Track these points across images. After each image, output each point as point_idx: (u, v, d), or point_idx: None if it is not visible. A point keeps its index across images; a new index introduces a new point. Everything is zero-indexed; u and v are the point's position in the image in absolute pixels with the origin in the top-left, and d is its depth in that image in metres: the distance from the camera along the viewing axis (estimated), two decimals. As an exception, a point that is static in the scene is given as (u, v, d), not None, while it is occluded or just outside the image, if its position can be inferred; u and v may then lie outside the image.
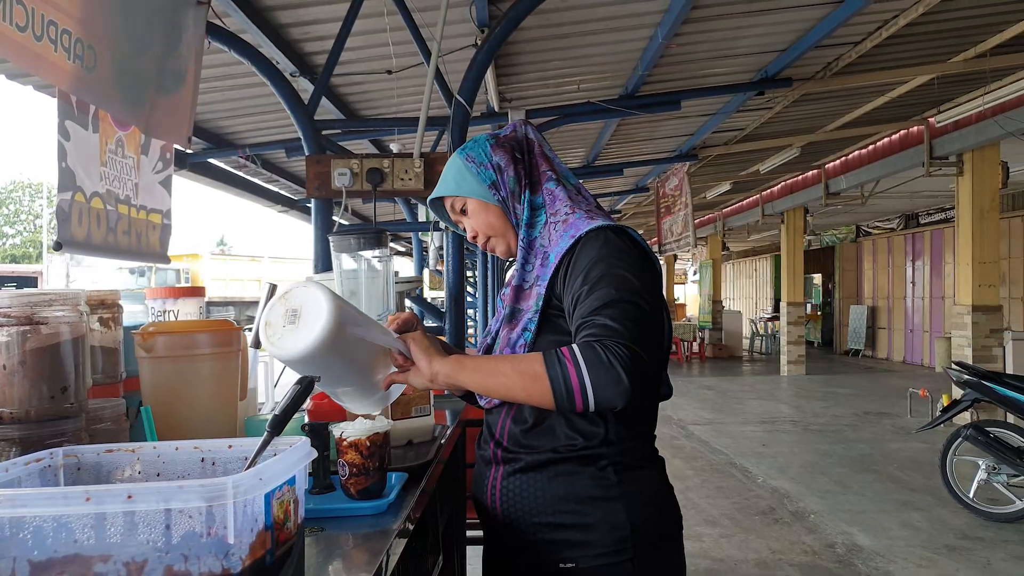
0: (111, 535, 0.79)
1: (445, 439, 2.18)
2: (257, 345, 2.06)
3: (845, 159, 12.17)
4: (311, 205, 4.12)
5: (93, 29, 2.10)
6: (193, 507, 0.80)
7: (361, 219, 13.09)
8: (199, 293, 2.39)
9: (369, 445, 1.54)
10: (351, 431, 1.54)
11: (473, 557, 3.36)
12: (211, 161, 8.33)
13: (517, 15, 3.74)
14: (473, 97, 3.84)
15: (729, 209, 18.35)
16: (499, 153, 1.64)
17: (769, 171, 12.29)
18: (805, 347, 15.90)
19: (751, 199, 16.68)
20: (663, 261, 20.83)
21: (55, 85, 1.97)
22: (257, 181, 9.75)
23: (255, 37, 4.93)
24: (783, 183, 14.76)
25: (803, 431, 9.28)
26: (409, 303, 4.09)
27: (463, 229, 1.72)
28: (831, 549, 5.03)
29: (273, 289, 2.26)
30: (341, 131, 7.32)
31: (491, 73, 6.17)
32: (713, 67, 7.15)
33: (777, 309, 19.99)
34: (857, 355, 19.50)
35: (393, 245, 5.03)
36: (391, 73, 5.50)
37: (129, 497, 0.79)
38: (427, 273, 12.75)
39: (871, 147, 11.30)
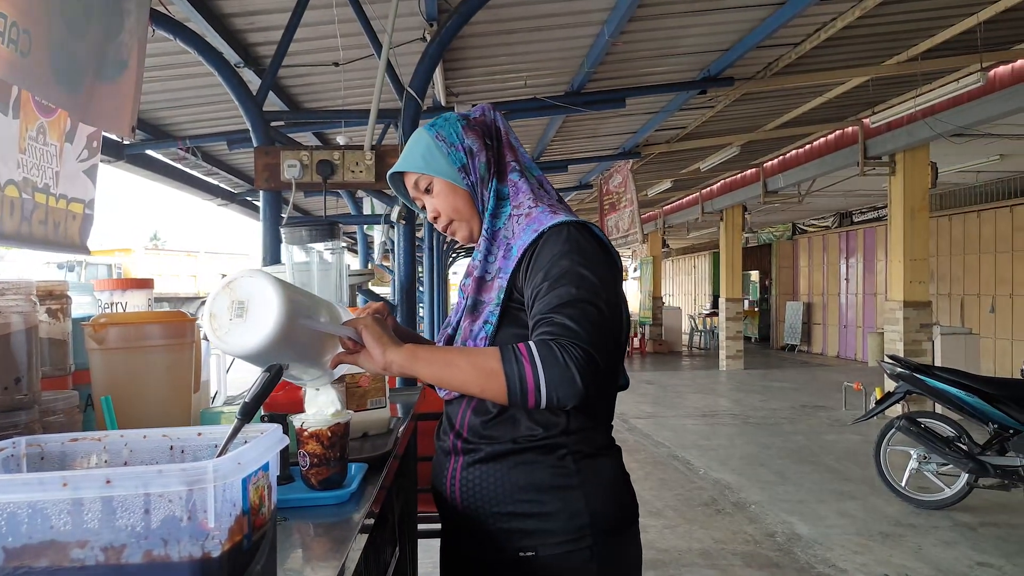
0: (88, 520, 0.78)
1: (400, 432, 2.18)
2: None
3: (783, 158, 12.44)
4: (253, 198, 4.07)
5: (30, 12, 2.03)
6: (173, 491, 0.79)
7: (301, 213, 12.91)
8: (147, 285, 2.35)
9: (330, 435, 1.53)
10: (312, 421, 1.53)
11: (423, 551, 3.37)
12: (149, 153, 8.14)
13: (469, 9, 3.73)
14: (425, 90, 3.84)
15: (669, 207, 18.59)
16: (471, 136, 1.61)
17: (709, 169, 12.49)
18: (743, 342, 16.23)
19: (691, 197, 16.93)
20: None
21: (-16, 70, 1.89)
22: (196, 174, 9.56)
23: (199, 26, 4.84)
24: (722, 181, 15.02)
25: (742, 424, 9.48)
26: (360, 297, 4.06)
27: (421, 207, 1.68)
28: (772, 538, 5.15)
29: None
30: (284, 123, 7.23)
31: (438, 67, 6.15)
32: (657, 65, 7.24)
33: (716, 305, 20.32)
34: (793, 350, 19.96)
35: (340, 239, 4.97)
36: (338, 65, 5.45)
37: (108, 482, 0.78)
38: (371, 267, 12.65)
39: (808, 147, 11.58)
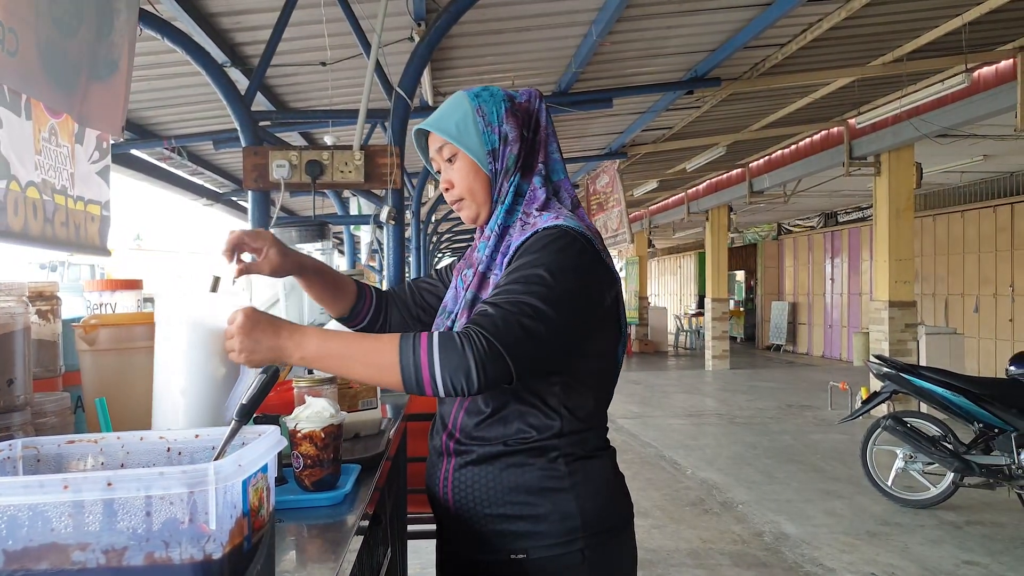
0: (89, 523, 0.78)
1: (391, 433, 2.17)
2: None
3: (769, 158, 12.50)
4: (238, 198, 4.05)
5: (14, 11, 2.02)
6: (174, 493, 0.79)
7: (288, 213, 12.88)
8: (137, 286, 2.34)
9: (324, 436, 1.53)
10: (306, 423, 1.53)
11: (413, 552, 3.37)
12: (133, 152, 8.10)
13: (457, 9, 3.74)
14: (414, 90, 3.84)
15: (655, 207, 18.64)
16: (511, 121, 1.55)
17: (695, 169, 12.53)
18: (729, 342, 16.28)
19: (677, 197, 16.98)
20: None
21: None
22: (181, 174, 9.52)
23: (186, 25, 4.82)
24: (708, 181, 15.07)
25: (729, 424, 9.51)
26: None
27: (437, 171, 1.64)
28: (759, 537, 5.17)
29: (217, 281, 2.22)
30: (272, 123, 7.20)
31: (426, 67, 6.16)
32: (645, 66, 7.26)
33: (701, 305, 20.41)
34: (779, 350, 20.04)
35: (328, 239, 4.96)
36: (325, 65, 5.44)
37: (109, 484, 0.77)
38: (358, 267, 12.63)
39: (793, 147, 11.64)
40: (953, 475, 5.51)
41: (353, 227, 10.18)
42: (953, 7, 6.29)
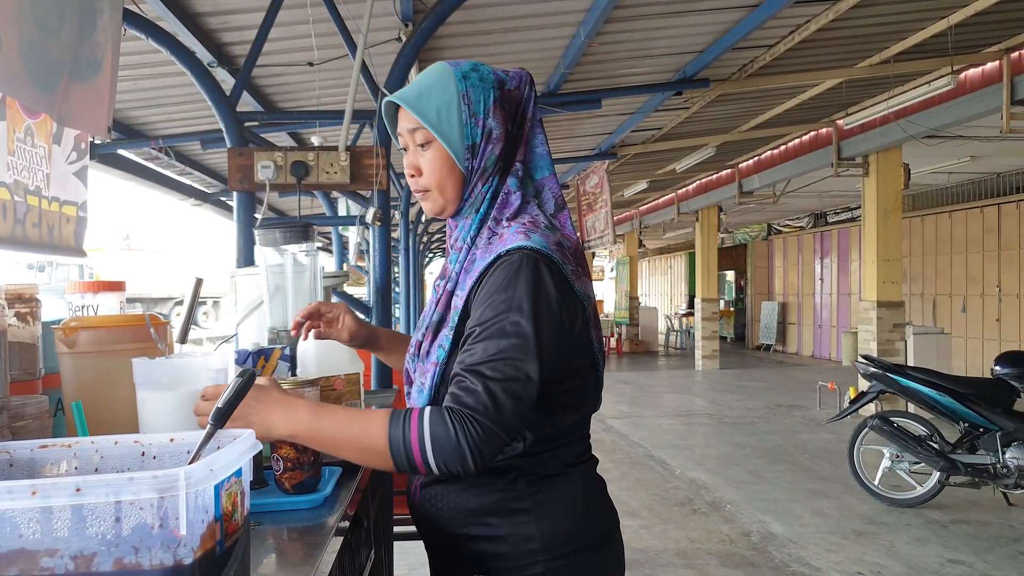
0: (58, 529, 0.77)
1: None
2: (183, 340, 2.02)
3: (758, 159, 12.53)
4: (227, 198, 4.04)
5: (-2, 11, 2.01)
6: (144, 499, 0.78)
7: (276, 213, 12.84)
8: (119, 287, 2.32)
9: (305, 439, 1.52)
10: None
11: (400, 553, 3.36)
12: (121, 152, 8.06)
13: (444, 9, 3.73)
14: (399, 91, 3.82)
15: (646, 207, 18.67)
16: (498, 115, 1.42)
17: (685, 170, 12.55)
18: (719, 342, 16.32)
19: (667, 197, 17.01)
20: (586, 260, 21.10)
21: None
22: (169, 174, 9.47)
23: (172, 25, 4.80)
24: (698, 182, 15.10)
25: (718, 424, 9.53)
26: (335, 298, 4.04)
27: (404, 148, 1.47)
28: (747, 537, 5.19)
29: (200, 283, 2.21)
30: (259, 123, 7.18)
31: (413, 67, 6.14)
32: (633, 67, 7.27)
33: (692, 305, 20.42)
34: (768, 350, 20.10)
35: (315, 240, 4.95)
36: (313, 65, 5.42)
37: (78, 490, 0.77)
38: (346, 268, 12.61)
39: (783, 148, 11.67)
40: (939, 474, 5.54)
41: (341, 228, 10.16)
42: (939, 9, 6.32)
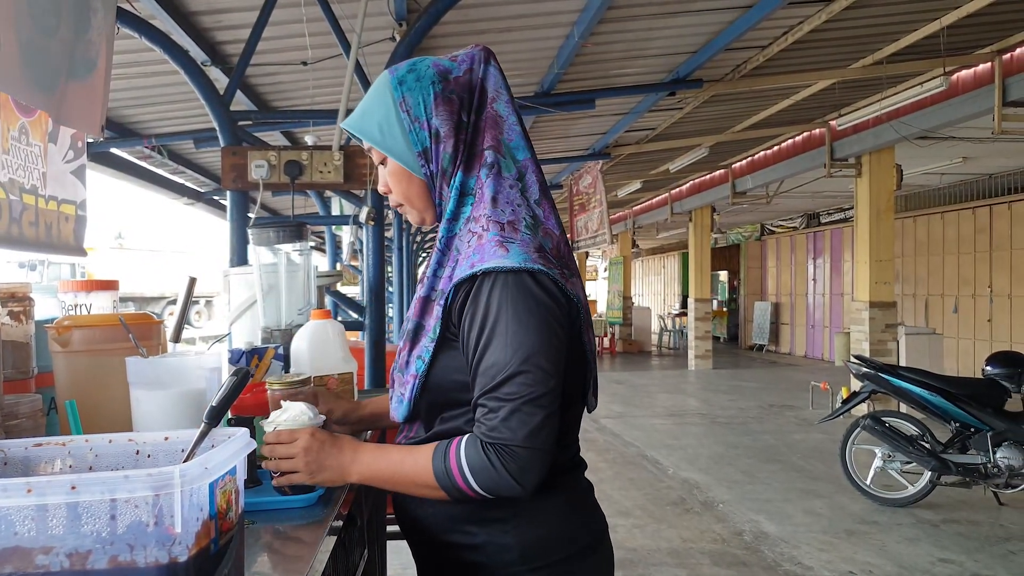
0: (53, 527, 0.78)
1: (369, 435, 2.17)
2: (177, 339, 2.01)
3: (751, 159, 12.56)
4: (220, 197, 4.04)
5: (-3, 10, 2.01)
6: (139, 496, 0.79)
7: (269, 212, 12.82)
8: (112, 286, 2.32)
9: (300, 439, 1.52)
10: (284, 425, 1.52)
11: (393, 552, 3.36)
12: (113, 151, 8.04)
13: (438, 9, 3.74)
14: (393, 91, 3.82)
15: (639, 207, 18.68)
16: (442, 112, 1.34)
17: (678, 170, 12.57)
18: (712, 342, 16.36)
19: (660, 198, 17.03)
20: (575, 258, 21.18)
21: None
22: (162, 173, 9.45)
23: (165, 24, 4.80)
24: (692, 182, 15.12)
25: (711, 423, 9.55)
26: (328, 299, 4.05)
27: (380, 162, 1.46)
28: (739, 536, 5.21)
29: (193, 282, 2.21)
30: (252, 122, 7.17)
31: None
32: (627, 67, 7.28)
33: (685, 305, 20.48)
34: (761, 350, 20.15)
35: (309, 239, 4.95)
36: (306, 64, 5.42)
37: (73, 488, 0.77)
38: (339, 268, 12.61)
39: (776, 148, 11.70)
40: (930, 474, 5.57)
41: (335, 227, 10.15)
42: (931, 11, 6.35)
